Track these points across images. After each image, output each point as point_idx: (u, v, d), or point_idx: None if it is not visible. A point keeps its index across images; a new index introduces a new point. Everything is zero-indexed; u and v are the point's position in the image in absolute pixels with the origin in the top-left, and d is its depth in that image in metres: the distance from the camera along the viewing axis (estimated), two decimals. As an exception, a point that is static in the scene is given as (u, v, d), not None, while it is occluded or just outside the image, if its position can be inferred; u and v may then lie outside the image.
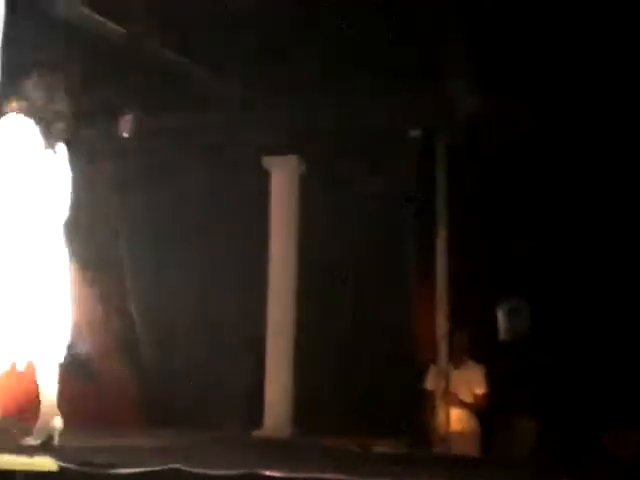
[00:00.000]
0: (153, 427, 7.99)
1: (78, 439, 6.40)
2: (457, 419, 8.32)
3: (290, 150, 8.78)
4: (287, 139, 8.75)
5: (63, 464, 3.87)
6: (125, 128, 8.34)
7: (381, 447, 7.32)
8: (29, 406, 5.54)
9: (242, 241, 9.11)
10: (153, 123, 8.69)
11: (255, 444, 7.55)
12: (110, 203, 9.29)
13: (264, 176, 8.85)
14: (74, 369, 9.09)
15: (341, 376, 8.97)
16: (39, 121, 5.11)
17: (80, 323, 9.19)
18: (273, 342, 8.70)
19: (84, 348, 9.13)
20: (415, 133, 8.35)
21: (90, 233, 9.04)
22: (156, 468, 3.85)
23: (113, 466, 3.82)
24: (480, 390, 8.41)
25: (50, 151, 5.14)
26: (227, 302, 9.18)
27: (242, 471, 3.74)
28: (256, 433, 8.32)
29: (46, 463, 4.10)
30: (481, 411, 8.42)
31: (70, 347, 8.97)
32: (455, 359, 8.44)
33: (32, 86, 5.20)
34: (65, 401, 8.45)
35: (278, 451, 6.62)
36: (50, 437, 4.92)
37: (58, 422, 4.98)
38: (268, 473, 3.65)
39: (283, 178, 8.87)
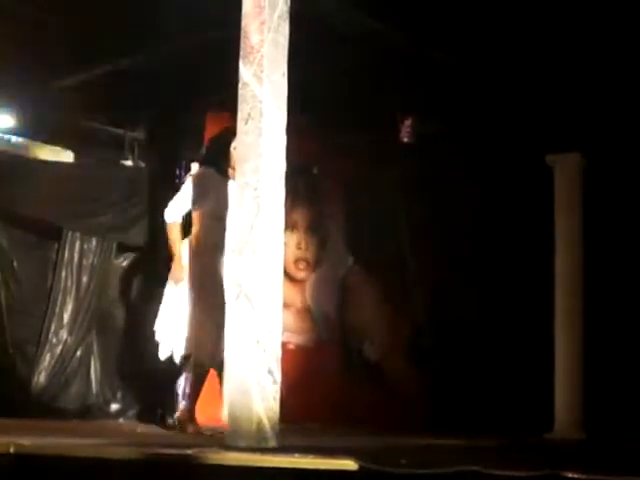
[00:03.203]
0: (439, 429, 8.00)
1: (364, 438, 6.60)
2: None
3: (573, 147, 8.60)
4: (570, 135, 8.57)
5: (365, 464, 3.94)
6: (406, 133, 8.44)
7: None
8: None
9: (526, 239, 9.00)
10: (432, 127, 8.74)
11: (547, 446, 7.41)
12: (395, 208, 9.43)
13: (547, 173, 8.73)
14: (362, 370, 9.41)
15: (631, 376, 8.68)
16: None
17: (369, 328, 9.51)
18: (561, 343, 8.55)
19: (373, 351, 9.34)
20: None
21: (374, 236, 9.24)
22: (455, 469, 3.85)
23: (414, 466, 3.86)
24: None
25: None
26: (512, 303, 9.08)
27: (543, 472, 3.68)
28: (547, 436, 8.23)
29: (346, 463, 4.18)
30: None
31: (360, 350, 9.26)
32: None
33: None
34: (351, 401, 8.82)
35: (572, 453, 6.48)
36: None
37: None
38: (570, 475, 3.57)
39: (566, 174, 8.70)
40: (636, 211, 8.71)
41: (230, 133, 5.89)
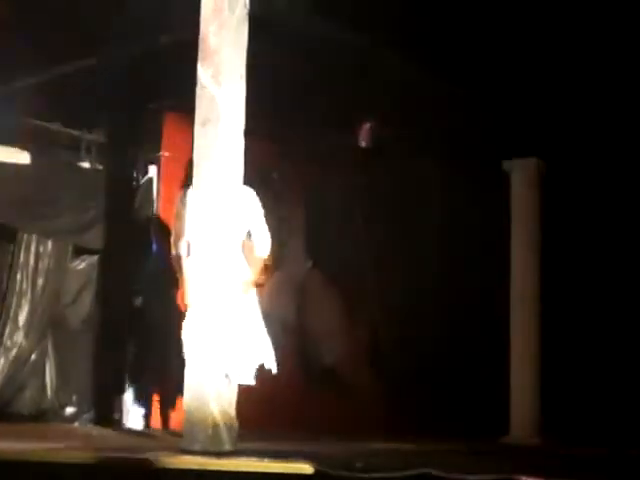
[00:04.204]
0: (396, 433, 8.02)
1: (320, 443, 6.60)
2: None
3: (530, 152, 8.67)
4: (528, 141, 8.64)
5: (320, 468, 3.94)
6: (364, 138, 8.45)
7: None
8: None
9: (481, 243, 9.06)
10: (391, 132, 8.77)
11: (502, 451, 7.46)
12: (353, 213, 9.46)
13: (505, 179, 8.79)
14: (321, 378, 9.41)
15: (588, 382, 8.76)
16: None
17: (326, 333, 9.50)
18: (518, 348, 8.61)
19: (330, 355, 9.34)
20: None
21: (333, 242, 9.25)
22: (410, 472, 3.86)
23: (371, 470, 3.87)
24: None
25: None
26: (470, 308, 9.12)
27: (498, 477, 3.70)
28: (503, 440, 8.28)
29: (301, 467, 4.18)
30: None
31: (317, 357, 9.25)
32: None
33: None
34: (308, 405, 8.81)
35: (527, 458, 6.52)
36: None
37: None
38: (525, 479, 3.59)
39: (523, 180, 8.76)
40: (594, 215, 8.82)
41: None
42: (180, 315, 6.29)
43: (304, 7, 6.53)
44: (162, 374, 8.07)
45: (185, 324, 6.09)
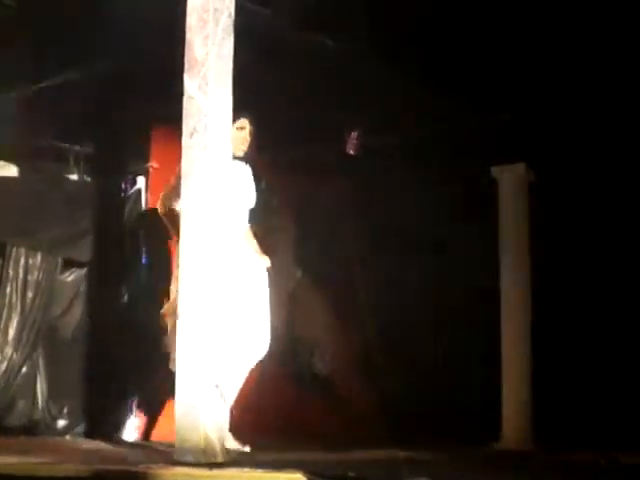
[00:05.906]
0: (389, 442, 8.01)
1: (314, 452, 6.59)
2: None
3: (519, 158, 8.69)
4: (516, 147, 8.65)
5: (313, 477, 3.93)
6: (351, 146, 8.46)
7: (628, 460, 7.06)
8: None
9: (470, 251, 9.07)
10: (377, 140, 8.77)
11: (495, 457, 7.46)
12: (343, 222, 9.46)
13: (493, 185, 8.81)
14: (312, 385, 9.40)
15: (579, 387, 8.77)
16: None
17: (318, 342, 9.50)
18: (509, 354, 8.62)
19: (323, 365, 9.34)
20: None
21: (323, 250, 9.25)
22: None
23: (362, 479, 3.87)
24: None
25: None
26: (459, 314, 9.13)
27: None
28: (495, 446, 8.28)
29: (294, 477, 4.17)
30: None
31: (310, 364, 9.24)
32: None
33: None
34: (301, 415, 8.80)
35: (521, 464, 6.52)
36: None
37: None
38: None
39: (511, 186, 8.78)
40: (583, 222, 8.83)
41: None
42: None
43: (290, 17, 6.55)
44: (152, 384, 8.07)
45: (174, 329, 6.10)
